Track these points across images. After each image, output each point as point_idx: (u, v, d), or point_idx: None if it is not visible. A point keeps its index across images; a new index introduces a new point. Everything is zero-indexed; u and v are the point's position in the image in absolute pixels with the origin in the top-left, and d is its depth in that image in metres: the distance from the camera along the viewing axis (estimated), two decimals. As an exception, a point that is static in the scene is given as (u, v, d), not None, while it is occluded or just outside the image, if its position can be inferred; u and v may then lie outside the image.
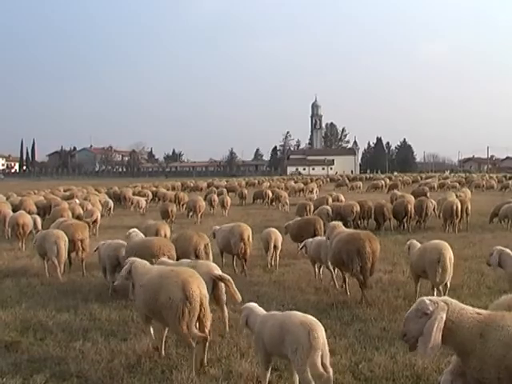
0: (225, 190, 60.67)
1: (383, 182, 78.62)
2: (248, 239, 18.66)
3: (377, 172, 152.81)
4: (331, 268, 16.77)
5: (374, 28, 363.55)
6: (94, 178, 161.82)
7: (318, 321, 8.48)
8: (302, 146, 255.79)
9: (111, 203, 44.15)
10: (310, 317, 8.54)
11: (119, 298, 15.88)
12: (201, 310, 10.14)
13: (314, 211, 32.32)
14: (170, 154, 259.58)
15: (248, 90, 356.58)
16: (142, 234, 18.04)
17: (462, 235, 27.82)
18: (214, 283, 12.06)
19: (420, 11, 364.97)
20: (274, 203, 48.98)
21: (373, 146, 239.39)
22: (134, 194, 54.62)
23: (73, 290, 17.12)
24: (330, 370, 8.29)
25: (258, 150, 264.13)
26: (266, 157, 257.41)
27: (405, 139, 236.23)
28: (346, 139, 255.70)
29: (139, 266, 11.57)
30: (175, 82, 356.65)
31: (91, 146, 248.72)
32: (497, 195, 55.54)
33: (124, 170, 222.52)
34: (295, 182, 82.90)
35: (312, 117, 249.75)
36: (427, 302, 7.17)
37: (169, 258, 14.61)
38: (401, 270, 17.92)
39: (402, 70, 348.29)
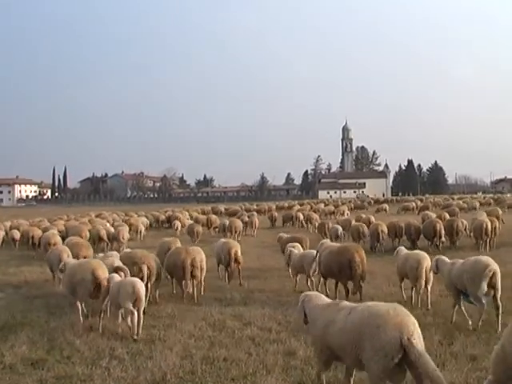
0: (255, 212, 60.96)
1: (414, 203, 78.27)
2: (235, 254, 21.63)
3: (408, 195, 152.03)
4: (312, 278, 19.64)
5: (404, 49, 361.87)
6: (125, 204, 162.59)
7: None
8: (333, 169, 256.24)
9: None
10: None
11: (146, 318, 15.96)
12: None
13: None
14: (202, 179, 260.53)
15: (279, 115, 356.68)
16: (116, 254, 19.93)
17: (495, 253, 27.54)
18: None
19: (450, 33, 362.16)
20: (304, 226, 49.09)
21: (404, 168, 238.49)
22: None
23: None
24: None
25: (289, 174, 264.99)
26: (298, 181, 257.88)
27: (436, 161, 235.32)
28: (377, 162, 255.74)
29: (68, 261, 17.19)
30: (207, 107, 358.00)
31: (123, 172, 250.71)
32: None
33: (155, 195, 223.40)
34: (325, 205, 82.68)
35: (343, 140, 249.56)
36: None
37: (148, 267, 17.58)
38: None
39: (433, 92, 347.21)
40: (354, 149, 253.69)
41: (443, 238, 31.02)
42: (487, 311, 13.64)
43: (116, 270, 15.83)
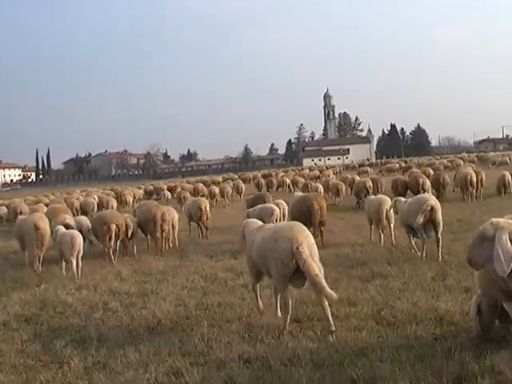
0: (240, 181, 61.41)
1: (397, 165, 78.42)
2: (205, 210, 23.64)
3: (393, 158, 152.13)
4: None
5: (385, 12, 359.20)
6: (110, 183, 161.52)
7: None
8: (317, 137, 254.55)
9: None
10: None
11: (138, 275, 16.09)
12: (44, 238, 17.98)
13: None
14: (185, 154, 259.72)
15: (258, 85, 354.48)
16: (85, 218, 22.61)
17: (481, 204, 27.83)
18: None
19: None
20: (291, 190, 49.29)
21: (387, 132, 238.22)
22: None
23: (92, 271, 17.16)
24: None
25: (272, 144, 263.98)
26: (281, 151, 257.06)
27: (419, 124, 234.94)
28: (360, 128, 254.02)
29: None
30: (186, 81, 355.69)
31: (106, 150, 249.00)
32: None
33: (140, 172, 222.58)
34: (310, 171, 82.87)
35: (325, 107, 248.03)
36: (487, 226, 7.42)
37: (117, 225, 18.87)
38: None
39: (414, 54, 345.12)
40: (336, 115, 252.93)
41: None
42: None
43: (66, 226, 18.87)
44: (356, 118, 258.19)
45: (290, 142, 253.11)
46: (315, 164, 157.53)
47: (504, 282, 7.52)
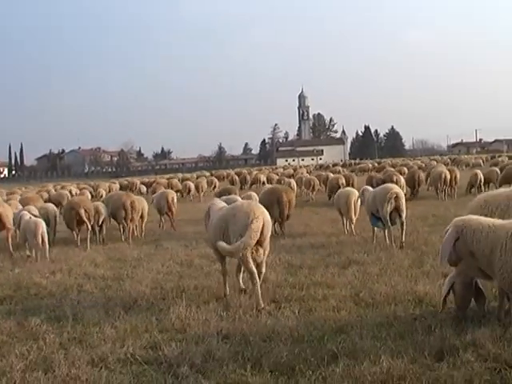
0: (214, 177, 61.48)
1: (371, 165, 78.69)
2: (172, 201, 24.40)
3: (366, 159, 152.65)
4: None
5: (360, 13, 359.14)
6: (83, 180, 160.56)
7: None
8: (291, 137, 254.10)
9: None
10: None
11: (113, 262, 16.01)
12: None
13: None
14: (159, 152, 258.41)
15: (234, 85, 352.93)
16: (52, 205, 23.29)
17: (456, 201, 27.96)
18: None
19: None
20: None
21: (361, 134, 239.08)
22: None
23: (66, 258, 17.08)
24: None
25: (246, 143, 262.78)
26: (255, 151, 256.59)
27: (393, 126, 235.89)
28: (334, 129, 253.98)
29: None
30: (161, 78, 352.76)
31: (79, 147, 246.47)
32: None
33: (113, 169, 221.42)
34: (284, 169, 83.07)
35: (299, 108, 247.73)
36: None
37: (85, 210, 19.71)
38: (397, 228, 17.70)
39: (389, 57, 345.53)
40: (310, 116, 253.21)
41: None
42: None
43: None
44: (330, 119, 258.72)
45: (264, 142, 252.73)
46: (289, 164, 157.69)
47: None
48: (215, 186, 49.02)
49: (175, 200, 25.12)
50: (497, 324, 7.89)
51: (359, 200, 18.69)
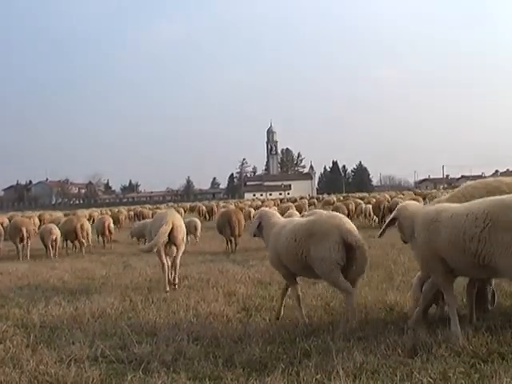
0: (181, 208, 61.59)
1: (335, 198, 79.28)
2: (108, 225, 28.07)
3: (334, 194, 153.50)
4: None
5: (325, 49, 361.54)
6: (50, 211, 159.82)
7: None
8: (259, 172, 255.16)
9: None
10: None
11: (80, 280, 15.94)
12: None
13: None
14: (127, 185, 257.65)
15: (201, 118, 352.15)
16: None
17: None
18: None
19: (373, 34, 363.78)
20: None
21: (329, 169, 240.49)
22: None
23: (33, 274, 17.01)
24: None
25: (214, 178, 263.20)
26: (223, 185, 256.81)
27: (360, 162, 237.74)
28: (302, 164, 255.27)
29: None
30: (130, 112, 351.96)
31: (47, 179, 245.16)
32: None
33: (81, 201, 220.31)
34: (252, 202, 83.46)
35: (268, 143, 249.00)
36: None
37: (27, 230, 23.60)
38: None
39: (357, 94, 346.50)
40: (279, 151, 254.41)
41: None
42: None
43: None
44: (298, 154, 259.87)
45: (231, 177, 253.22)
46: (257, 198, 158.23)
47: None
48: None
49: (111, 225, 29.29)
50: (468, 325, 7.91)
51: None
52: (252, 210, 38.13)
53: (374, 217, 35.07)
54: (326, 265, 8.30)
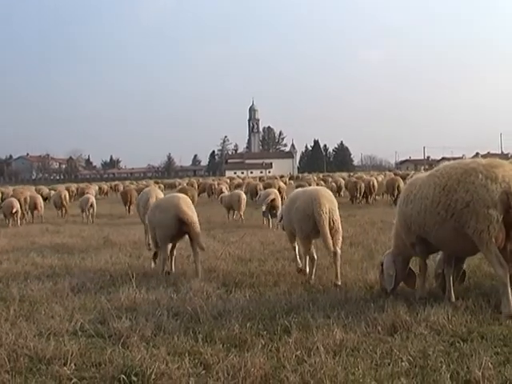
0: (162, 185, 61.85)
1: (316, 177, 79.40)
2: (64, 197, 32.81)
3: (314, 173, 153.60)
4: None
5: (315, 26, 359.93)
6: (31, 186, 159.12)
7: None
8: (240, 150, 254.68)
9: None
10: None
11: (62, 252, 15.87)
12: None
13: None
14: (108, 160, 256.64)
15: (184, 94, 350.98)
16: None
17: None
18: None
19: (360, 20, 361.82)
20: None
21: (310, 148, 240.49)
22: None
23: (13, 249, 16.99)
24: None
25: (196, 155, 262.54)
26: (204, 162, 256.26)
27: (342, 141, 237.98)
28: (284, 142, 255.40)
29: None
30: (111, 85, 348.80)
31: (27, 154, 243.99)
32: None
33: (62, 177, 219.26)
34: (231, 180, 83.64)
35: (249, 121, 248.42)
36: None
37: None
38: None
39: (340, 73, 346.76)
40: (260, 129, 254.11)
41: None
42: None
43: None
44: (280, 133, 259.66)
45: (213, 154, 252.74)
46: (238, 176, 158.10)
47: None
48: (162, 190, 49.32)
49: (67, 197, 33.72)
50: (449, 304, 7.98)
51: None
52: (260, 185, 38.05)
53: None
54: None
